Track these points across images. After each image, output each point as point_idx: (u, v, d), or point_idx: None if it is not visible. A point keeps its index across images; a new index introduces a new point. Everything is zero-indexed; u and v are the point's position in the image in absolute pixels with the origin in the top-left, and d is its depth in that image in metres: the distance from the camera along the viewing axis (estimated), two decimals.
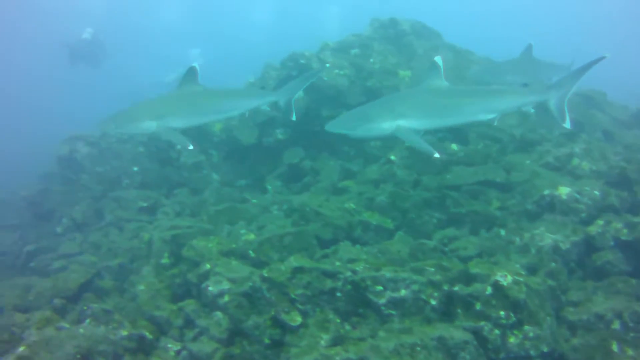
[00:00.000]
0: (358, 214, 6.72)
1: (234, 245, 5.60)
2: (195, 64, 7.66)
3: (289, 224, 6.47)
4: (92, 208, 9.08)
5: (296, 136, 9.47)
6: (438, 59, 6.80)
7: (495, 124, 7.08)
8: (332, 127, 6.80)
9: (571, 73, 7.11)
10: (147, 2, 41.44)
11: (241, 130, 9.35)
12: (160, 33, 37.43)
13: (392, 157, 7.92)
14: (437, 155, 6.23)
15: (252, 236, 5.90)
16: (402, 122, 6.45)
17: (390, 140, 7.91)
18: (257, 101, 8.31)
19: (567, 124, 6.91)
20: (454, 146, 8.10)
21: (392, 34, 11.11)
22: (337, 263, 5.11)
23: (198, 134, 9.68)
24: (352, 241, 6.20)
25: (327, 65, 8.84)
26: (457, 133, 8.48)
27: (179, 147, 8.21)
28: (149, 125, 7.34)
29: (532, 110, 7.86)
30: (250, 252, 5.42)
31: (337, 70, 9.57)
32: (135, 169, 9.68)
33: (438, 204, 7.05)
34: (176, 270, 5.49)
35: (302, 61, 9.77)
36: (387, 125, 6.50)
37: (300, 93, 8.61)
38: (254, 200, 8.33)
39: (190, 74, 7.59)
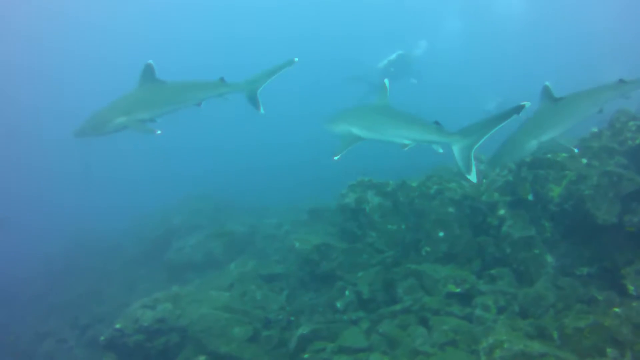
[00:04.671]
0: None
1: None
2: (151, 61, 9.25)
3: None
4: (382, 279, 8.41)
5: None
6: (386, 81, 8.78)
7: (406, 149, 7.97)
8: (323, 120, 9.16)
9: (483, 121, 7.21)
10: None
11: (597, 202, 7.78)
12: None
13: None
14: (336, 158, 8.07)
15: None
16: (352, 129, 8.48)
17: None
18: (214, 92, 9.72)
19: (473, 177, 7.06)
20: None
21: None
22: None
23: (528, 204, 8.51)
24: None
25: (296, 59, 9.40)
26: None
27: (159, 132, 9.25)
28: (121, 121, 8.97)
29: (441, 151, 7.93)
30: None
31: None
32: (441, 234, 8.72)
33: None
34: None
35: None
36: (340, 129, 8.69)
37: None
38: (616, 310, 6.70)
39: (147, 70, 9.27)
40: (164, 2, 52.07)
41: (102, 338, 9.06)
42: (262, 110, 9.74)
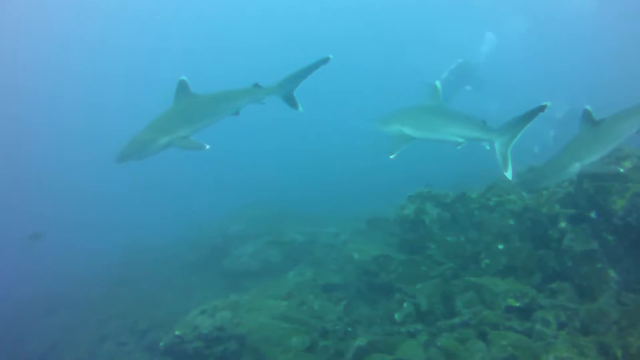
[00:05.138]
0: None
1: None
2: (184, 77, 9.27)
3: None
4: (441, 291, 8.46)
5: None
6: (437, 82, 9.46)
7: (459, 147, 8.55)
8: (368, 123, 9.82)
9: (514, 120, 7.75)
10: None
11: None
12: None
13: None
14: (392, 157, 8.62)
15: None
16: (405, 129, 8.94)
17: None
18: (250, 98, 9.74)
19: (509, 174, 7.67)
20: None
21: None
22: None
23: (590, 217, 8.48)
24: None
25: (330, 56, 9.29)
26: None
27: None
28: (163, 142, 8.88)
29: (488, 148, 8.41)
30: None
31: None
32: (501, 246, 8.75)
33: None
34: None
35: None
36: (392, 130, 9.17)
37: None
38: None
39: (182, 86, 9.27)
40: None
41: (161, 344, 9.30)
42: (300, 109, 9.84)
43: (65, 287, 19.38)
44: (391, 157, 8.64)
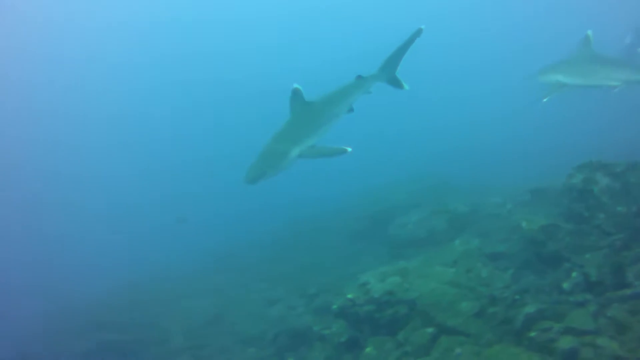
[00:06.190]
0: None
1: None
2: (297, 85, 9.47)
3: None
4: (610, 262, 8.47)
5: None
6: (589, 32, 10.27)
7: (615, 91, 9.88)
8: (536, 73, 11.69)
9: None
10: None
11: None
12: None
13: None
14: (545, 100, 10.58)
15: None
16: (560, 77, 10.60)
17: None
18: (360, 91, 10.10)
19: None
20: None
21: None
22: None
23: None
24: None
25: (423, 27, 9.74)
26: None
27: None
28: (295, 153, 9.07)
29: None
30: None
31: None
32: None
33: None
34: None
35: None
36: (551, 78, 10.84)
37: None
38: None
39: (296, 94, 9.50)
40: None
41: (334, 307, 10.06)
42: (406, 87, 10.41)
43: (228, 251, 20.99)
44: (544, 100, 10.34)
